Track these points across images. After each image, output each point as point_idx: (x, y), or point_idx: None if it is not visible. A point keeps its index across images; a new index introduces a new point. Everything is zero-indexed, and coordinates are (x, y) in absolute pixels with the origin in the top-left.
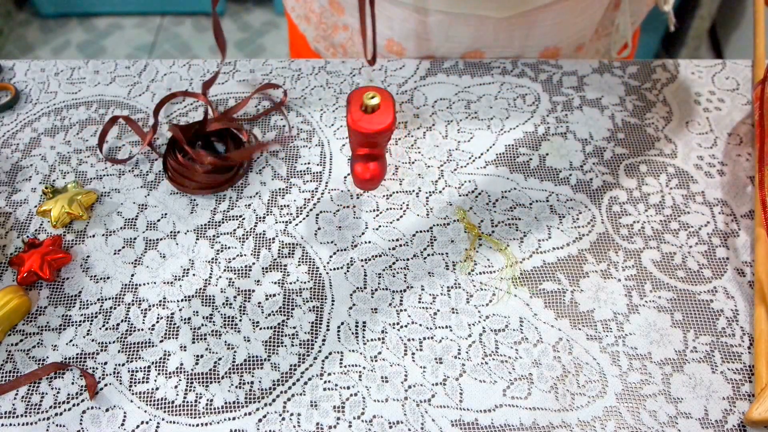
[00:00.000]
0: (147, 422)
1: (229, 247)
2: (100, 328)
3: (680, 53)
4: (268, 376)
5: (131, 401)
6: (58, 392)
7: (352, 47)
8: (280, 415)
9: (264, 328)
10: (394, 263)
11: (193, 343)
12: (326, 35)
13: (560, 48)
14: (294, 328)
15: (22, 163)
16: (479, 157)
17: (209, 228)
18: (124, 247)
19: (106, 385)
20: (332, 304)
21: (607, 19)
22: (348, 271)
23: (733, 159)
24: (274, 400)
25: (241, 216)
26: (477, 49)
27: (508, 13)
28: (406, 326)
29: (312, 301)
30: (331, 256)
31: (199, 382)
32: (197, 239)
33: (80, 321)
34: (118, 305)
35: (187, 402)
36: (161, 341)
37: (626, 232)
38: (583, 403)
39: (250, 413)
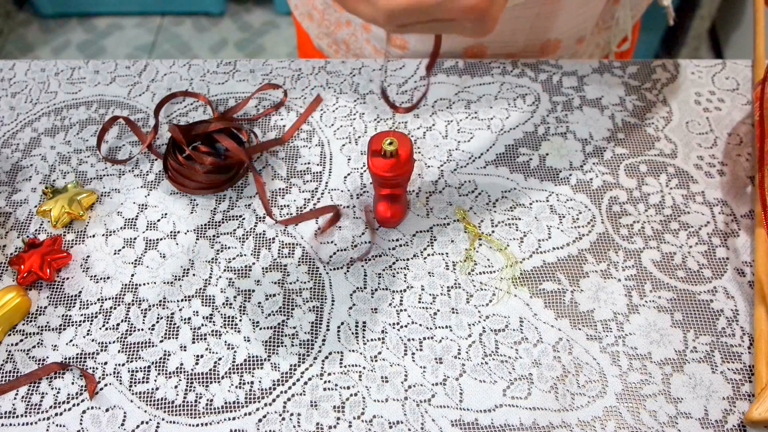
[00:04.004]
0: (147, 422)
1: (229, 247)
2: (100, 328)
3: (680, 53)
4: (268, 376)
5: (131, 401)
6: (58, 392)
7: (355, 42)
8: (280, 415)
9: (264, 328)
10: (394, 263)
11: (193, 343)
12: (329, 32)
13: (561, 41)
14: (294, 328)
15: (22, 163)
16: (479, 157)
17: (209, 228)
18: (124, 247)
19: (106, 385)
20: (332, 304)
21: (607, 13)
22: (348, 271)
23: (733, 159)
24: (274, 400)
25: (241, 216)
26: (480, 42)
27: (514, 1)
28: (406, 326)
29: (312, 301)
30: (331, 256)
31: (199, 382)
32: (197, 239)
33: (80, 321)
34: (118, 305)
35: (187, 402)
36: (161, 341)
37: (626, 232)
38: (583, 403)
39: (250, 413)
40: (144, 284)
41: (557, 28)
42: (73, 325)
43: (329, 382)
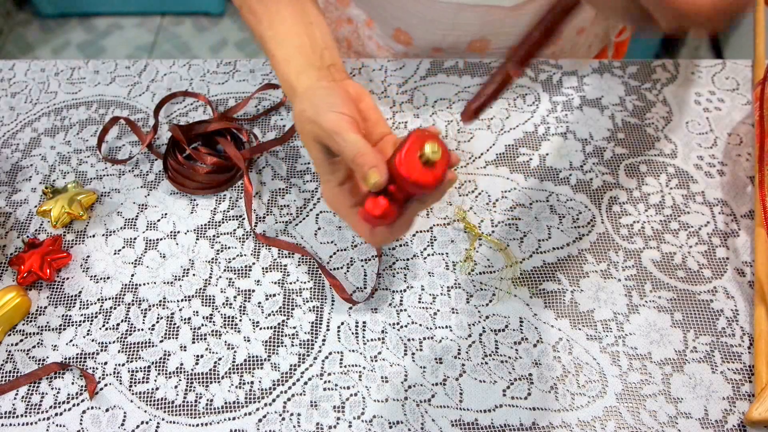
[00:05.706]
0: (147, 422)
1: (229, 247)
2: (100, 328)
3: (680, 53)
4: (268, 376)
5: (131, 401)
6: (58, 392)
7: (357, 40)
8: (280, 415)
9: (264, 328)
10: (394, 263)
11: (193, 343)
12: (330, 30)
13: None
14: (294, 328)
15: (22, 163)
16: (479, 157)
17: (209, 228)
18: (124, 247)
19: (106, 385)
20: (332, 304)
21: None
22: (348, 271)
23: (733, 159)
24: (274, 400)
25: (241, 216)
26: (483, 36)
27: (518, 0)
28: (406, 326)
29: (312, 301)
30: (331, 256)
31: (199, 382)
32: (197, 239)
33: (80, 321)
34: (118, 305)
35: (187, 402)
36: (161, 341)
37: (626, 232)
38: (583, 403)
39: (250, 413)
40: (144, 284)
41: None
42: (73, 325)
43: (329, 382)
